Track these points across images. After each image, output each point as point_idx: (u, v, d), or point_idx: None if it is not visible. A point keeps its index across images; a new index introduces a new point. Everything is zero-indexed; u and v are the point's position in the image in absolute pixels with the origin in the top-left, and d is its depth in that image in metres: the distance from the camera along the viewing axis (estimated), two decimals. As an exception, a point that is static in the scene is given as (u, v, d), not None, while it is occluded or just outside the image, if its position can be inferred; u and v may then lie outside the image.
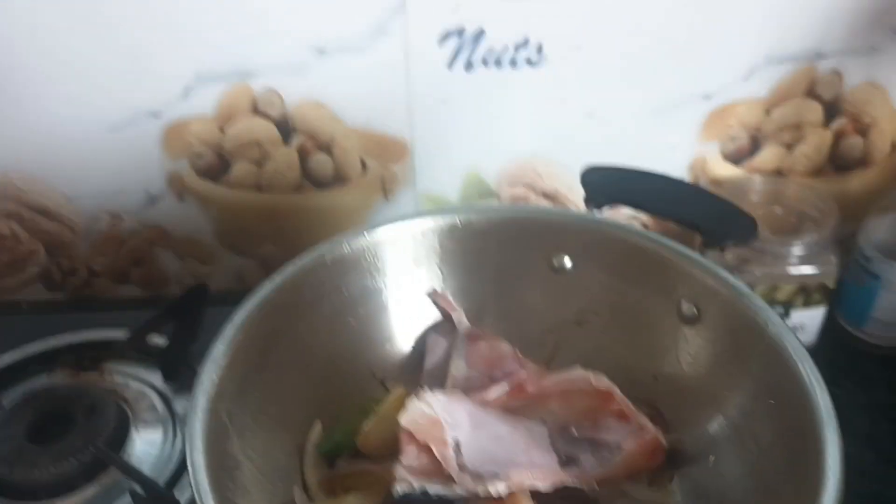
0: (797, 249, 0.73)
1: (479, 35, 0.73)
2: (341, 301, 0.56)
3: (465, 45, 0.73)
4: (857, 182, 0.82)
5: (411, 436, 0.47)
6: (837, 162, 0.81)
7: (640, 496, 0.49)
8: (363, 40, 0.73)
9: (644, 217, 0.79)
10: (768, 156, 0.80)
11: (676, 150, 0.79)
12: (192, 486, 0.40)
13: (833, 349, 0.76)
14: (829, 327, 0.76)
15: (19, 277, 0.87)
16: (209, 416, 0.44)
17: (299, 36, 0.73)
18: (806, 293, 0.74)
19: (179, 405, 0.66)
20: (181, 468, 0.60)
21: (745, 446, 0.49)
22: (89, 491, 0.59)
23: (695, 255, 0.53)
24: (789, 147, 0.80)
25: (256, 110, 0.77)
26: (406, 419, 0.48)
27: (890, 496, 0.61)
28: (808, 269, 0.73)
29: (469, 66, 0.75)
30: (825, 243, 0.74)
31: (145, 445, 0.62)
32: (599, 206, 0.58)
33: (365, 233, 0.56)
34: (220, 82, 0.75)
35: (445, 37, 0.73)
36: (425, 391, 0.50)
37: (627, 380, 0.55)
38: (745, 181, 0.79)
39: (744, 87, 0.76)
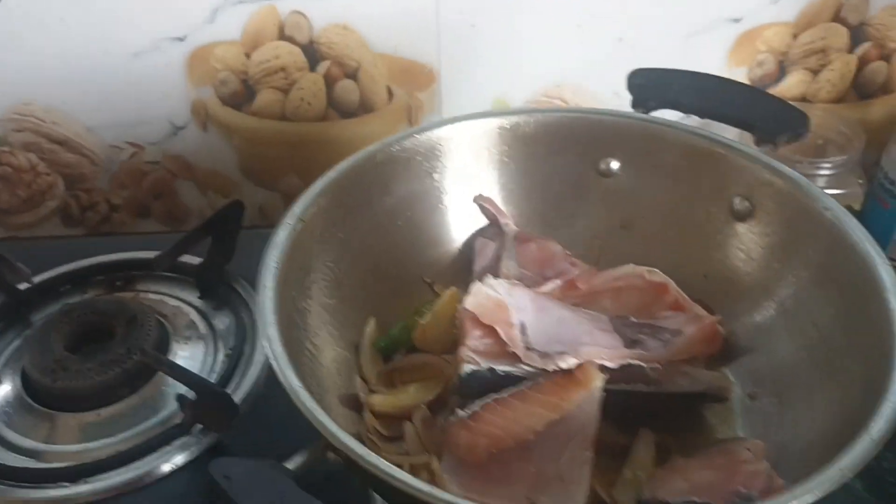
0: (825, 171, 0.73)
1: (511, -46, 0.72)
2: (391, 202, 0.56)
3: (497, -38, 0.73)
4: (880, 108, 0.83)
5: (476, 319, 0.47)
6: (861, 88, 0.82)
7: (699, 377, 0.49)
8: (393, -40, 0.72)
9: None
10: (794, 81, 0.81)
11: (704, 75, 0.79)
12: (270, 359, 0.40)
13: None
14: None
15: (37, 213, 0.85)
16: (276, 296, 0.44)
17: (327, -44, 0.72)
18: (833, 216, 0.75)
19: (219, 322, 0.65)
20: (226, 377, 0.59)
21: (803, 331, 0.50)
22: (133, 400, 0.59)
23: (749, 148, 0.53)
24: (815, 73, 0.81)
25: (283, 34, 0.76)
26: (470, 302, 0.48)
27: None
28: (835, 192, 0.74)
29: (499, -14, 0.74)
30: (852, 166, 0.75)
31: (187, 360, 0.62)
32: (647, 109, 0.58)
33: (415, 133, 0.56)
34: (247, 4, 0.74)
35: (477, -45, 0.72)
36: (488, 276, 0.50)
37: (676, 280, 0.55)
38: (772, 107, 0.80)
39: (772, 10, 0.76)
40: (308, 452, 0.37)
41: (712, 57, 0.79)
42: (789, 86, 0.81)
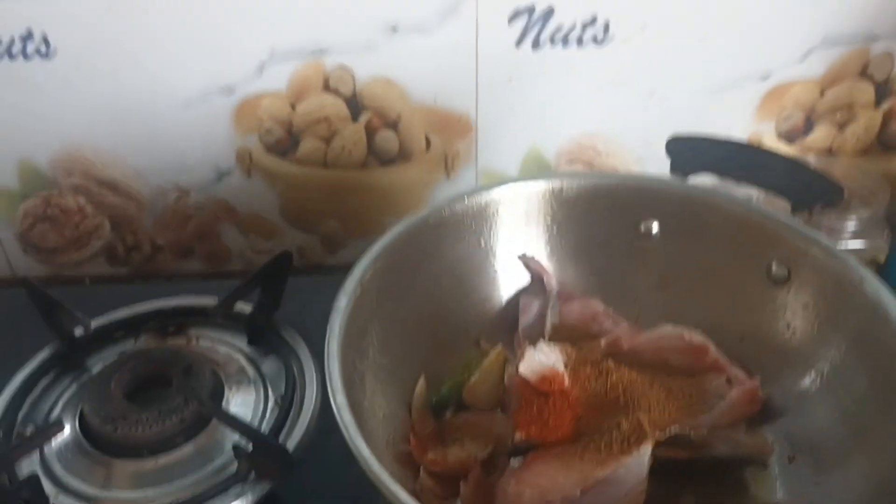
0: (850, 225, 0.76)
1: (549, 13, 0.75)
2: (440, 263, 0.59)
3: (534, 23, 0.76)
4: (904, 161, 0.85)
5: (529, 384, 0.49)
6: (885, 141, 0.84)
7: (741, 441, 0.51)
8: (435, 19, 0.75)
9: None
10: (820, 135, 0.83)
11: (733, 128, 0.82)
12: (342, 426, 0.42)
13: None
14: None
15: (83, 252, 0.88)
16: (341, 360, 0.46)
17: (373, 14, 0.75)
18: (858, 268, 0.77)
19: (267, 367, 0.67)
20: (279, 425, 0.62)
21: (837, 397, 0.52)
22: (188, 448, 0.60)
23: (786, 217, 0.56)
24: (841, 127, 0.83)
25: (328, 87, 0.79)
26: (524, 368, 0.50)
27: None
28: (859, 244, 0.76)
29: (536, 44, 0.77)
30: (877, 219, 0.77)
31: (239, 407, 0.64)
32: (685, 174, 0.60)
33: (465, 197, 0.58)
34: (293, 59, 0.77)
35: (515, 15, 0.75)
36: (540, 342, 0.52)
37: (712, 340, 0.57)
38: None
39: (800, 67, 0.79)
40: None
41: (740, 111, 0.81)
42: (815, 139, 0.84)
